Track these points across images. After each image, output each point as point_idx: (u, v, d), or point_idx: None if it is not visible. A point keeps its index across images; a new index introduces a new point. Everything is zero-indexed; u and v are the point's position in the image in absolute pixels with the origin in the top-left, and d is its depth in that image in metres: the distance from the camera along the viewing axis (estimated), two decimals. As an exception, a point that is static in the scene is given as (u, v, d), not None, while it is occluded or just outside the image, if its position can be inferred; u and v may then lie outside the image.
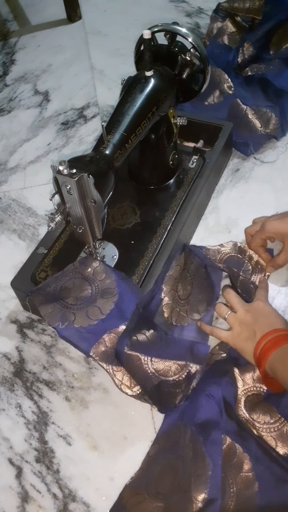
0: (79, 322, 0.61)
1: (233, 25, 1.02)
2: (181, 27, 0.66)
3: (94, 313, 0.61)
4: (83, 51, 1.23)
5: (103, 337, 0.60)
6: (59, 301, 0.62)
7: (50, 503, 0.55)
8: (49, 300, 0.62)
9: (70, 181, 0.52)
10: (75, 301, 0.62)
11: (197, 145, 0.79)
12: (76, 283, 0.63)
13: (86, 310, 0.62)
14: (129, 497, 0.53)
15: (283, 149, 0.90)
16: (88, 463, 0.58)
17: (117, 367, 0.59)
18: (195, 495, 0.48)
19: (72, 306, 0.62)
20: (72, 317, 0.61)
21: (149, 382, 0.57)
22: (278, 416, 0.55)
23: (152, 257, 0.68)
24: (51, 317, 0.61)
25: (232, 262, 0.70)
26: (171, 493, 0.51)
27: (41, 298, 0.62)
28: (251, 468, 0.52)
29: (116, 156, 0.58)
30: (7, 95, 1.13)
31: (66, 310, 0.61)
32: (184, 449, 0.53)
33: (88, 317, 0.61)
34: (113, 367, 0.59)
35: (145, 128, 0.63)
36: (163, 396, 0.57)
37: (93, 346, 0.59)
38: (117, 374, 0.59)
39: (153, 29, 0.67)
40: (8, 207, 0.88)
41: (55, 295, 0.63)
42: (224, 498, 0.50)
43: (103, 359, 0.59)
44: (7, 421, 0.62)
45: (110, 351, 0.59)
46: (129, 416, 0.60)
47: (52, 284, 0.63)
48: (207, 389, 0.56)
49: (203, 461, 0.51)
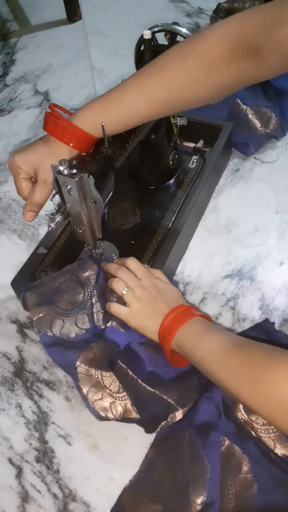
0: (66, 331, 0.60)
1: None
2: (182, 27, 0.67)
3: (83, 321, 0.61)
4: (83, 51, 1.23)
5: (92, 345, 0.59)
6: (51, 306, 0.61)
7: (50, 503, 0.55)
8: (42, 302, 0.62)
9: (71, 181, 0.52)
10: (67, 306, 0.62)
11: (197, 145, 0.80)
12: (71, 286, 0.63)
13: (76, 317, 0.61)
14: (127, 500, 0.52)
15: (283, 149, 0.90)
16: (88, 463, 0.58)
17: (106, 372, 0.58)
18: (193, 498, 0.48)
19: (63, 312, 0.61)
20: (60, 325, 0.61)
21: (138, 391, 0.56)
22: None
23: (152, 257, 0.68)
24: (41, 322, 0.61)
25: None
26: (170, 496, 0.51)
27: (34, 298, 0.62)
28: (250, 469, 0.52)
29: (116, 156, 0.58)
30: (7, 95, 1.13)
31: (56, 317, 0.61)
32: (182, 452, 0.53)
33: (77, 325, 0.61)
34: (102, 372, 0.58)
35: (145, 128, 0.63)
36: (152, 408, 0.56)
37: (82, 354, 0.58)
38: (105, 380, 0.58)
39: (154, 29, 0.67)
40: (8, 207, 0.89)
41: (49, 297, 0.62)
42: (223, 499, 0.50)
43: (92, 365, 0.58)
44: (7, 421, 0.62)
45: (99, 358, 0.59)
46: (129, 416, 0.60)
47: (47, 283, 0.63)
48: (206, 391, 0.56)
49: (202, 463, 0.50)
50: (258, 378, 0.43)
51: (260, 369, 0.43)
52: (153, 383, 0.56)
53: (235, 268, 0.73)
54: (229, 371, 0.46)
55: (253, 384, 0.43)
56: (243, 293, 0.70)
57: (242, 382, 0.44)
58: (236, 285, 0.71)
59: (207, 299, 0.71)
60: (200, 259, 0.75)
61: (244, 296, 0.70)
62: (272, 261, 0.74)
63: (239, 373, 0.45)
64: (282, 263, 0.73)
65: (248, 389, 0.44)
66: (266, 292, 0.70)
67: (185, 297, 0.71)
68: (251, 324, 0.67)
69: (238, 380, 0.45)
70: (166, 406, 0.55)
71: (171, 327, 0.54)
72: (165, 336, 0.54)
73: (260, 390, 0.42)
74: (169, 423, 0.55)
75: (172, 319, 0.55)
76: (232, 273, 0.73)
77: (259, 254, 0.75)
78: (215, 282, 0.72)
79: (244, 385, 0.44)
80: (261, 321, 0.66)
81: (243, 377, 0.44)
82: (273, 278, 0.71)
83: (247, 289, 0.71)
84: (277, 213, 0.80)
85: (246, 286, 0.71)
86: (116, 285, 0.59)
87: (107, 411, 0.57)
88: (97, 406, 0.57)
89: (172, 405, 0.55)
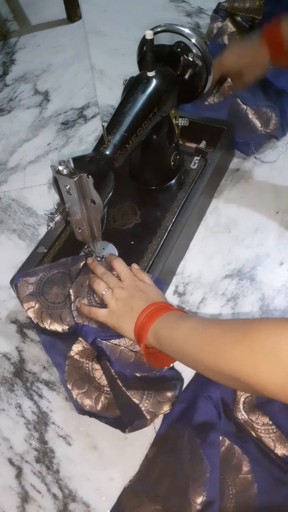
0: (53, 326, 0.61)
1: (233, 25, 1.02)
2: (184, 27, 0.66)
3: (67, 316, 0.62)
4: (83, 51, 1.23)
5: (79, 338, 0.60)
6: (40, 298, 0.63)
7: (50, 503, 0.55)
8: (33, 293, 0.63)
9: (70, 181, 0.52)
10: (54, 298, 0.63)
11: (199, 146, 0.79)
12: (62, 278, 0.64)
13: (61, 311, 0.62)
14: (127, 500, 0.53)
15: (283, 149, 0.90)
16: (88, 463, 0.58)
17: (97, 365, 0.59)
18: (193, 498, 0.48)
19: (50, 305, 0.62)
20: (49, 318, 0.62)
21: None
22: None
23: (151, 258, 0.68)
24: (33, 313, 0.62)
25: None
26: (170, 496, 0.51)
27: (26, 288, 0.63)
28: (250, 469, 0.52)
29: (116, 157, 0.58)
30: (7, 95, 1.13)
31: (44, 311, 0.62)
32: (182, 451, 0.53)
33: (62, 320, 0.62)
34: (93, 364, 0.59)
35: (146, 129, 0.62)
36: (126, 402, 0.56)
37: (73, 346, 0.60)
38: (95, 373, 0.59)
39: (156, 29, 0.67)
40: (8, 207, 0.88)
41: (40, 288, 0.63)
42: (223, 499, 0.50)
43: (84, 356, 0.59)
44: (7, 421, 0.62)
45: (89, 350, 0.60)
46: (129, 416, 0.60)
47: (40, 273, 0.64)
48: (205, 390, 0.56)
49: (201, 463, 0.51)
50: (243, 336, 0.41)
51: (244, 329, 0.42)
52: (129, 386, 0.56)
53: (235, 268, 0.73)
54: (213, 340, 0.45)
55: (238, 343, 0.41)
56: (243, 293, 0.70)
57: (227, 346, 0.43)
58: (236, 285, 0.71)
59: (207, 299, 0.71)
60: (200, 259, 0.75)
61: (244, 296, 0.70)
62: (272, 261, 0.73)
63: (223, 339, 0.43)
64: (282, 263, 0.73)
65: (234, 349, 0.42)
66: (266, 292, 0.70)
67: (184, 297, 0.71)
68: (251, 324, 0.67)
69: (223, 346, 0.43)
70: (136, 411, 0.55)
71: (145, 323, 0.53)
72: (140, 332, 0.54)
73: (245, 345, 0.41)
74: (134, 429, 0.55)
75: (147, 315, 0.54)
76: (232, 273, 0.73)
77: (259, 254, 0.75)
78: (215, 282, 0.72)
79: (230, 348, 0.42)
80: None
81: (228, 342, 0.43)
82: (273, 278, 0.71)
83: (247, 289, 0.71)
84: (277, 213, 0.80)
85: (246, 286, 0.71)
86: (98, 285, 0.60)
87: (90, 404, 0.58)
88: (80, 398, 0.58)
89: (142, 413, 0.54)
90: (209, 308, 0.69)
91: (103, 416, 0.58)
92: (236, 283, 0.72)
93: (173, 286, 0.72)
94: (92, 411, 0.57)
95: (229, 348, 0.43)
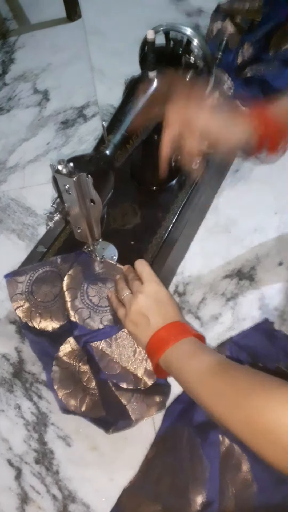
0: (43, 325, 0.61)
1: (233, 26, 1.02)
2: (186, 28, 0.66)
3: (58, 315, 0.61)
4: (83, 50, 1.22)
5: (68, 339, 0.60)
6: (30, 296, 0.63)
7: (49, 504, 0.55)
8: (22, 292, 0.63)
9: (69, 180, 0.52)
10: (44, 297, 0.62)
11: (201, 146, 0.79)
12: (51, 277, 0.63)
13: (51, 310, 0.62)
14: (127, 501, 0.52)
15: (283, 150, 0.90)
16: (88, 464, 0.57)
17: (84, 366, 0.59)
18: (193, 497, 0.48)
19: (39, 304, 0.62)
20: (38, 317, 0.61)
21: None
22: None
23: (151, 259, 0.68)
24: (22, 312, 0.62)
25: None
26: (170, 496, 0.50)
27: (15, 287, 0.63)
28: (249, 468, 0.52)
29: (116, 156, 0.58)
30: (6, 94, 1.13)
31: (34, 309, 0.62)
32: (181, 451, 0.53)
33: (52, 319, 0.61)
34: (80, 365, 0.59)
35: (147, 129, 0.62)
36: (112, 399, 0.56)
37: (61, 347, 0.60)
38: (82, 374, 0.59)
39: (158, 29, 0.67)
40: (7, 207, 0.88)
41: (29, 287, 0.63)
42: (223, 498, 0.50)
43: (71, 357, 0.59)
44: (6, 422, 0.62)
45: (77, 351, 0.60)
46: (129, 417, 0.60)
47: (29, 272, 0.64)
48: None
49: (201, 463, 0.51)
50: (242, 401, 0.41)
51: (244, 392, 0.42)
52: (119, 387, 0.56)
53: (235, 268, 0.73)
54: (214, 394, 0.45)
55: (236, 409, 0.42)
56: (243, 293, 0.70)
57: (226, 406, 0.43)
58: (236, 285, 0.71)
59: (207, 299, 0.70)
60: (200, 259, 0.75)
61: (244, 296, 0.70)
62: (272, 261, 0.73)
63: (224, 397, 0.44)
64: (281, 263, 0.73)
65: (232, 413, 0.42)
66: (266, 292, 0.70)
67: (184, 297, 0.71)
68: (251, 324, 0.67)
69: (223, 404, 0.43)
70: (122, 412, 0.55)
71: (159, 345, 0.52)
72: (152, 351, 0.53)
73: (242, 414, 0.41)
74: (118, 430, 0.55)
75: (162, 337, 0.52)
76: (232, 273, 0.73)
77: (258, 254, 0.75)
78: (215, 282, 0.72)
79: (228, 409, 0.42)
80: (261, 321, 0.66)
81: (228, 402, 0.43)
82: (273, 278, 0.71)
83: (247, 289, 0.71)
84: (276, 213, 0.80)
85: (246, 286, 0.71)
86: (120, 286, 0.59)
87: (75, 404, 0.58)
88: (65, 399, 0.58)
89: (128, 414, 0.54)
90: (209, 308, 0.69)
91: (87, 416, 0.58)
92: (235, 283, 0.72)
93: (173, 286, 0.72)
94: (77, 411, 0.57)
95: (229, 412, 0.42)
